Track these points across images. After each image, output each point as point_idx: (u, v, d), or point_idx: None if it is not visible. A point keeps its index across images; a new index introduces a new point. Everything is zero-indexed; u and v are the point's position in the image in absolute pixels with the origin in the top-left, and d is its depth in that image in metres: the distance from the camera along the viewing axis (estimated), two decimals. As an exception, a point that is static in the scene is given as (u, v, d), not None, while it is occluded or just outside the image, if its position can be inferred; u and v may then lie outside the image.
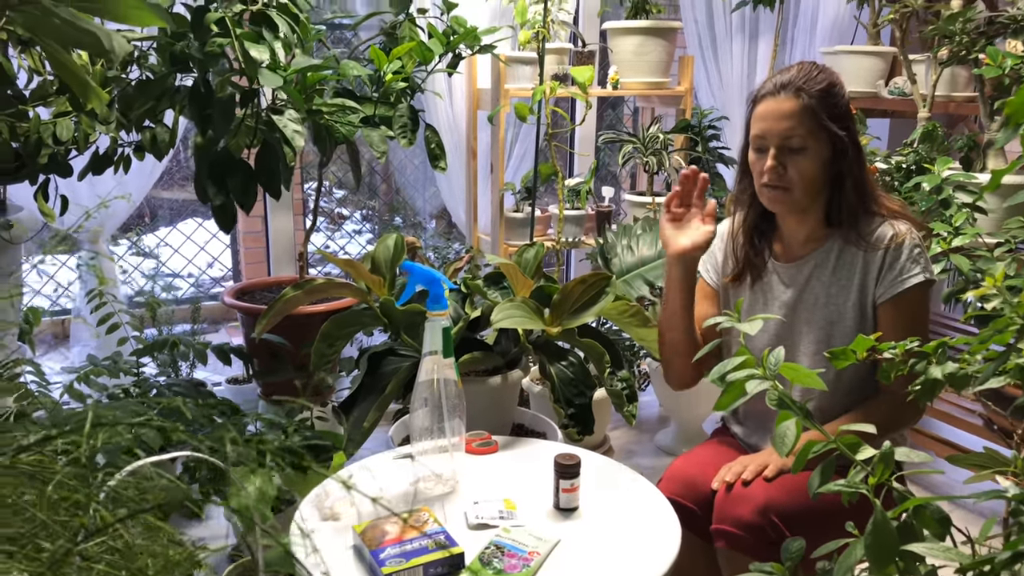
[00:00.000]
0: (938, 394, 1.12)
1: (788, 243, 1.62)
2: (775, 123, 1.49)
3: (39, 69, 2.06)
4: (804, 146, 1.48)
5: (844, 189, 1.52)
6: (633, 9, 2.99)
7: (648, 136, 2.97)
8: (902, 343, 1.10)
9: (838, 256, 1.55)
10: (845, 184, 1.51)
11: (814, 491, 1.01)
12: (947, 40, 2.57)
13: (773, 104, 1.50)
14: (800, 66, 1.53)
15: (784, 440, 1.06)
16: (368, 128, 2.03)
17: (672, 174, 3.08)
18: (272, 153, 1.80)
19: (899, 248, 1.50)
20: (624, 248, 2.37)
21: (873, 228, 1.53)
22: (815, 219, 1.57)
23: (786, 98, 1.48)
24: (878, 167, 2.62)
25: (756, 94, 1.55)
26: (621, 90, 3.01)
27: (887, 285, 1.50)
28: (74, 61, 1.39)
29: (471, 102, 3.03)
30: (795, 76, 1.50)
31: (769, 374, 1.09)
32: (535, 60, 2.80)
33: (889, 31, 3.22)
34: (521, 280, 1.78)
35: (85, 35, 1.28)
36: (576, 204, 2.98)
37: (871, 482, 0.93)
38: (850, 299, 1.54)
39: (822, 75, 1.51)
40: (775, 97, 1.50)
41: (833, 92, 1.51)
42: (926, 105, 2.82)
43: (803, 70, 1.51)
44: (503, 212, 2.94)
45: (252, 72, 1.72)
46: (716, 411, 1.31)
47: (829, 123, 1.48)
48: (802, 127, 1.47)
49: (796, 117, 1.47)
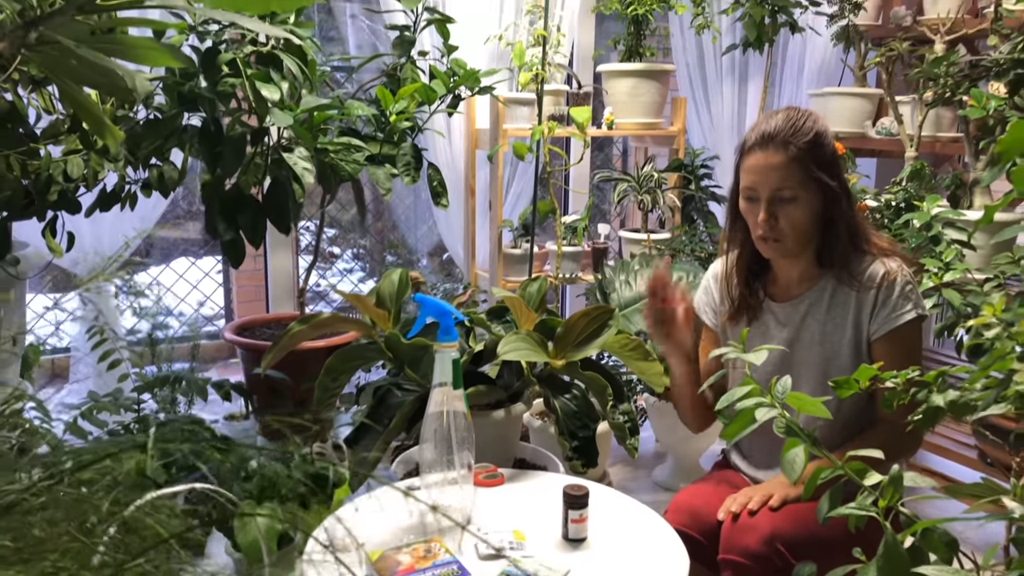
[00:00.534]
0: (939, 422, 1.15)
1: (782, 283, 1.66)
2: (765, 176, 1.51)
3: (49, 108, 2.10)
4: (795, 197, 1.50)
5: (835, 232, 1.55)
6: (627, 52, 3.07)
7: (643, 175, 3.03)
8: (903, 372, 1.13)
9: (832, 295, 1.59)
10: (837, 227, 1.55)
11: (823, 516, 1.03)
12: (932, 82, 2.65)
13: (762, 158, 1.51)
14: (787, 114, 1.54)
15: (793, 466, 1.08)
16: (373, 166, 2.07)
17: (666, 211, 3.14)
18: (282, 190, 1.84)
19: (891, 286, 1.53)
20: (622, 283, 2.42)
21: (864, 267, 1.56)
22: (807, 260, 1.60)
23: (774, 151, 1.50)
24: (868, 205, 2.68)
25: (744, 145, 1.57)
26: (616, 130, 3.08)
27: (881, 322, 1.54)
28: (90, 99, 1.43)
29: (470, 142, 3.09)
30: (782, 127, 1.51)
31: (776, 402, 1.13)
32: (532, 101, 2.87)
33: (875, 73, 3.32)
34: (525, 313, 1.81)
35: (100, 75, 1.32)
36: (573, 241, 3.03)
37: (881, 505, 0.96)
38: (845, 336, 1.57)
39: (808, 123, 1.52)
40: (764, 150, 1.51)
41: (820, 142, 1.52)
42: (913, 145, 2.89)
43: (789, 119, 1.52)
44: (501, 248, 2.98)
45: (263, 111, 1.76)
46: (723, 439, 1.34)
47: (818, 173, 1.51)
48: (792, 179, 1.50)
49: (785, 169, 1.49)
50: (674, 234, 3.10)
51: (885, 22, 3.26)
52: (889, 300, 1.53)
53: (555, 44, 2.91)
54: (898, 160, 2.99)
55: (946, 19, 2.93)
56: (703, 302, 1.79)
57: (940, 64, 2.55)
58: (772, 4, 3.07)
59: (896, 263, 1.56)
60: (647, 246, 3.00)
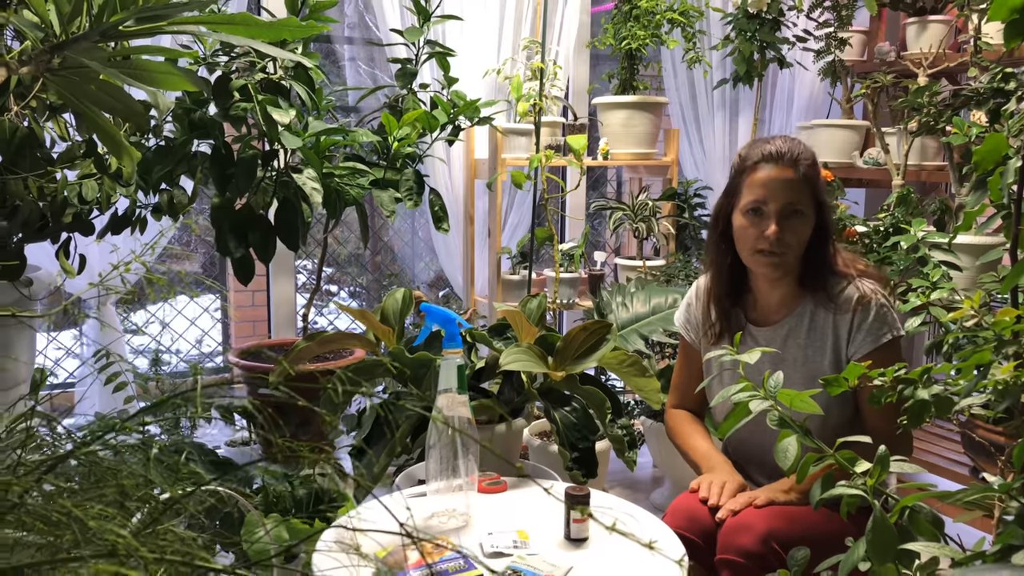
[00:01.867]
0: (926, 418, 1.20)
1: (762, 308, 1.71)
2: (780, 191, 1.56)
3: (64, 135, 2.18)
4: (804, 212, 1.58)
5: (819, 252, 1.62)
6: (621, 86, 3.17)
7: (637, 203, 3.11)
8: (890, 369, 1.18)
9: (811, 319, 1.64)
10: (821, 247, 1.62)
11: (815, 500, 1.08)
12: (916, 112, 2.75)
13: (776, 171, 1.57)
14: (784, 139, 1.62)
15: (786, 455, 1.13)
16: (378, 190, 2.14)
17: (660, 239, 3.21)
18: (291, 209, 1.90)
19: (867, 309, 1.59)
20: (619, 305, 2.48)
21: (840, 289, 1.61)
22: (789, 284, 1.65)
23: (786, 167, 1.57)
24: (856, 231, 2.76)
25: (746, 161, 1.62)
26: (611, 160, 3.17)
27: (858, 345, 1.59)
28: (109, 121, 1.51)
29: (469, 171, 3.17)
30: (787, 147, 1.59)
31: (768, 395, 1.18)
32: (530, 131, 2.96)
33: (862, 106, 3.43)
34: (526, 327, 1.87)
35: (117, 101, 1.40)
36: (570, 267, 3.10)
37: (869, 483, 1.01)
38: (826, 359, 1.62)
39: (807, 148, 1.61)
40: (776, 165, 1.58)
41: (817, 164, 1.63)
42: (900, 173, 2.99)
43: (788, 142, 1.60)
44: (500, 275, 3.05)
45: (273, 134, 1.84)
46: (718, 436, 1.39)
47: (820, 193, 1.60)
48: (803, 197, 1.57)
49: (798, 187, 1.57)
50: (668, 261, 3.17)
51: (870, 57, 3.38)
52: (864, 323, 1.58)
53: (552, 76, 3.01)
54: (885, 190, 3.08)
55: (928, 53, 3.04)
56: (684, 319, 1.84)
57: (923, 94, 2.65)
58: (761, 40, 3.19)
59: (871, 286, 1.61)
60: (642, 272, 3.07)
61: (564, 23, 3.31)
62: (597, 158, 3.16)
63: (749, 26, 3.18)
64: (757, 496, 1.56)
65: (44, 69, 1.39)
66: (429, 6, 2.52)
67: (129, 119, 1.81)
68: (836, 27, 3.23)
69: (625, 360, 1.98)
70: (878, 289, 1.61)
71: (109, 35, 1.45)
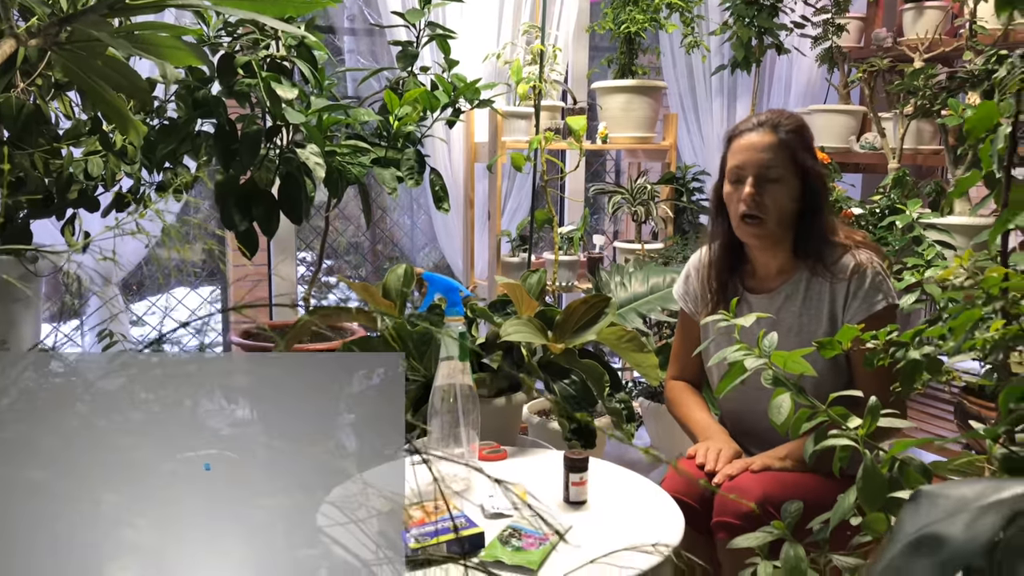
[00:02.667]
0: (919, 381, 1.23)
1: (760, 276, 1.75)
2: (755, 154, 1.63)
3: (69, 113, 2.21)
4: (780, 177, 1.62)
5: (812, 222, 1.65)
6: (620, 70, 3.20)
7: (636, 187, 3.14)
8: (883, 331, 1.21)
9: (807, 287, 1.68)
10: (812, 217, 1.65)
11: (808, 452, 1.10)
12: (912, 95, 2.78)
13: (754, 137, 1.64)
14: (771, 111, 1.70)
15: (779, 412, 1.16)
16: (380, 168, 2.17)
17: (659, 223, 3.24)
18: (294, 183, 1.93)
19: (862, 277, 1.62)
20: (617, 285, 2.51)
21: (837, 258, 1.65)
22: (785, 252, 1.69)
23: (765, 133, 1.64)
24: (853, 212, 2.79)
25: (733, 132, 1.70)
26: (610, 144, 3.19)
27: (854, 312, 1.63)
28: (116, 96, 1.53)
29: (469, 155, 3.20)
30: (770, 116, 1.67)
31: (762, 354, 1.21)
32: (530, 115, 2.98)
33: (859, 91, 3.45)
34: (526, 300, 1.90)
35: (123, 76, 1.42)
36: (569, 250, 3.12)
37: (860, 433, 1.04)
38: (821, 326, 1.66)
39: (792, 117, 1.68)
40: (756, 131, 1.65)
41: (804, 131, 1.67)
42: (896, 157, 3.01)
43: (775, 112, 1.69)
44: (500, 258, 3.07)
45: (277, 110, 1.86)
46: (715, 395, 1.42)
47: (803, 156, 1.63)
48: (779, 159, 1.62)
49: (774, 150, 1.62)
50: (666, 244, 3.20)
51: (867, 43, 3.40)
52: (860, 290, 1.62)
53: (551, 60, 3.03)
54: (882, 174, 3.11)
55: (925, 38, 3.06)
56: (683, 290, 1.88)
57: (919, 76, 2.68)
58: (759, 26, 3.21)
59: (867, 255, 1.65)
60: (641, 255, 3.10)
61: (564, 8, 3.33)
62: (596, 142, 3.18)
63: (747, 12, 3.20)
64: (753, 462, 1.59)
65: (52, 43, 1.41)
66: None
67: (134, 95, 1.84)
68: (833, 13, 3.25)
69: (623, 336, 2.01)
70: (874, 258, 1.64)
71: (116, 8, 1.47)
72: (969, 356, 1.15)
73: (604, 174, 4.78)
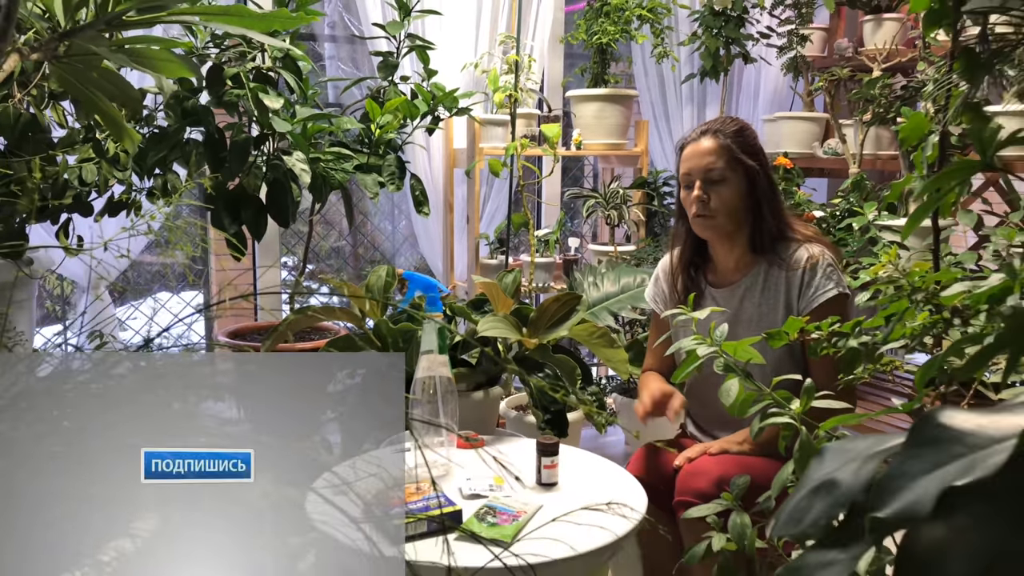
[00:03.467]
0: (859, 367, 1.35)
1: (721, 271, 1.88)
2: (699, 160, 1.76)
3: (62, 121, 2.30)
4: (724, 177, 1.75)
5: (763, 217, 1.78)
6: (593, 79, 3.32)
7: (609, 191, 3.26)
8: (825, 323, 1.33)
9: (765, 279, 1.80)
10: (763, 212, 1.78)
11: (754, 432, 1.22)
12: (869, 103, 2.92)
13: (696, 146, 1.78)
14: (715, 119, 1.85)
15: (728, 394, 1.28)
16: (362, 174, 2.27)
17: (631, 226, 3.37)
18: (281, 188, 2.03)
19: (815, 267, 1.75)
20: (590, 284, 2.63)
21: (791, 251, 1.78)
22: (741, 247, 1.82)
23: (707, 139, 1.77)
24: (815, 215, 2.93)
25: (682, 142, 1.84)
26: (584, 150, 3.32)
27: (808, 300, 1.75)
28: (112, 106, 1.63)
29: (448, 161, 3.31)
30: (711, 124, 1.81)
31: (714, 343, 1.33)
32: (506, 122, 3.10)
33: (822, 99, 3.60)
34: (502, 299, 2.01)
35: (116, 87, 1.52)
36: (545, 252, 3.24)
37: (797, 411, 1.16)
38: (779, 315, 1.78)
39: (734, 122, 1.82)
40: (699, 139, 1.79)
41: (744, 133, 1.80)
42: (856, 162, 3.16)
43: (717, 120, 1.83)
44: (479, 260, 3.18)
45: (264, 119, 1.97)
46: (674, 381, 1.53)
47: (743, 156, 1.76)
48: (721, 161, 1.75)
49: (715, 153, 1.75)
50: (639, 247, 3.33)
51: (830, 53, 3.55)
52: (813, 280, 1.75)
53: (527, 69, 3.15)
54: (844, 178, 3.25)
55: (883, 49, 3.21)
56: (653, 292, 2.00)
57: (875, 85, 2.82)
58: (726, 36, 3.35)
59: (819, 248, 1.78)
60: (613, 257, 3.22)
61: (539, 19, 3.45)
62: (571, 148, 3.30)
63: (715, 23, 3.34)
64: (711, 447, 1.71)
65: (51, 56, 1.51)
66: (409, 1, 2.66)
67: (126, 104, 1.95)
68: (798, 24, 3.40)
69: (595, 332, 2.13)
70: (826, 251, 1.77)
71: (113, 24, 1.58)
72: (898, 344, 1.27)
73: (582, 178, 4.91)
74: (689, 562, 1.37)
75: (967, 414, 0.62)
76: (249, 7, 2.95)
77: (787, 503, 0.73)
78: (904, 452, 0.63)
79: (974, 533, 0.56)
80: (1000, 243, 2.23)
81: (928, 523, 0.57)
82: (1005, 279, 1.16)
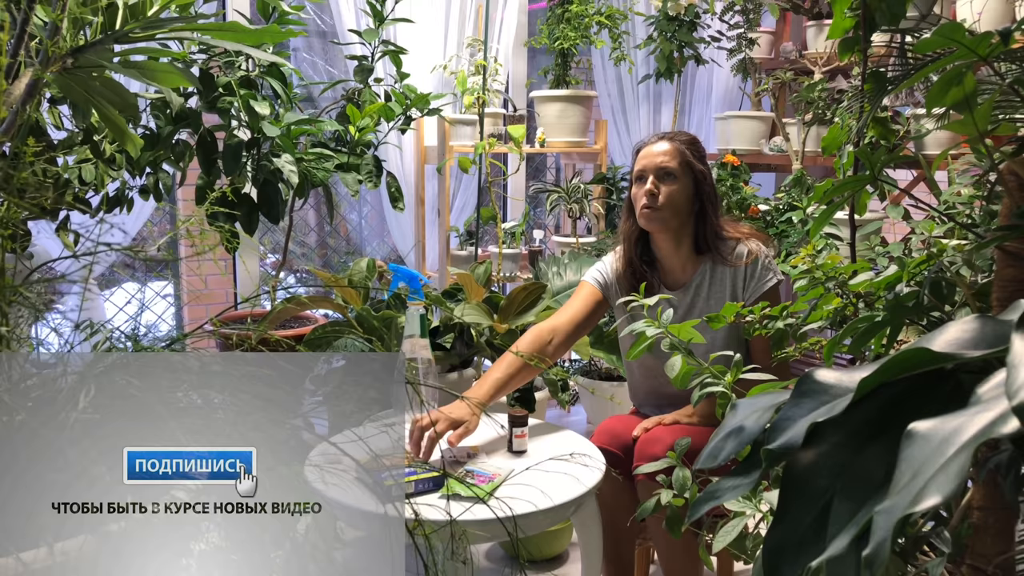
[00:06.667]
0: (787, 345, 1.58)
1: (670, 273, 2.08)
2: (655, 158, 1.97)
3: (58, 125, 2.44)
4: (674, 175, 1.96)
5: (706, 219, 2.00)
6: (555, 81, 3.53)
7: (571, 187, 3.48)
8: (757, 307, 1.54)
9: (711, 276, 2.02)
10: (707, 214, 2.00)
11: (695, 401, 1.44)
12: (809, 105, 3.17)
13: (652, 147, 2.00)
14: (670, 131, 2.07)
15: (673, 369, 1.50)
16: (342, 172, 2.46)
17: (592, 219, 3.59)
18: (272, 188, 2.21)
19: (755, 261, 1.99)
20: (554, 274, 2.84)
21: (732, 249, 2.01)
22: (687, 248, 2.03)
23: (663, 143, 2.00)
24: (759, 209, 3.17)
25: (639, 145, 2.06)
26: (547, 148, 3.53)
27: (751, 291, 1.98)
28: (116, 113, 1.79)
29: (419, 157, 3.50)
30: (667, 133, 2.05)
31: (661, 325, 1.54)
32: (474, 121, 3.30)
33: (768, 99, 3.85)
34: (475, 288, 2.22)
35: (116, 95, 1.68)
36: (512, 244, 3.45)
37: (728, 380, 1.39)
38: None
39: (687, 134, 2.06)
40: (656, 142, 2.01)
41: (696, 143, 2.03)
42: (798, 159, 3.41)
43: (672, 131, 2.07)
44: (449, 251, 3.38)
45: (255, 124, 2.14)
46: (628, 360, 1.74)
47: (694, 161, 1.98)
48: (674, 161, 1.97)
49: (670, 154, 1.98)
50: (599, 238, 3.55)
51: (776, 55, 3.80)
52: (755, 272, 1.98)
53: (493, 72, 3.35)
54: (789, 174, 3.50)
55: (823, 53, 3.46)
56: (597, 271, 2.11)
57: (813, 90, 3.06)
58: (679, 40, 3.58)
59: (756, 244, 2.01)
60: (576, 248, 3.44)
61: (504, 23, 3.65)
62: (535, 146, 3.51)
63: (669, 27, 3.56)
64: (666, 418, 1.94)
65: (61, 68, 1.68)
66: (384, 8, 2.83)
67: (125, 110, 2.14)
68: (745, 28, 3.63)
69: (558, 317, 2.33)
70: (762, 246, 2.00)
71: (121, 40, 1.76)
72: (815, 325, 1.50)
73: (545, 171, 5.13)
74: (641, 515, 1.59)
75: (835, 372, 0.86)
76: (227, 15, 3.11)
77: (708, 444, 0.95)
78: (790, 402, 0.87)
79: (830, 454, 0.79)
80: (922, 234, 2.49)
81: (802, 450, 0.81)
82: (897, 270, 1.41)
